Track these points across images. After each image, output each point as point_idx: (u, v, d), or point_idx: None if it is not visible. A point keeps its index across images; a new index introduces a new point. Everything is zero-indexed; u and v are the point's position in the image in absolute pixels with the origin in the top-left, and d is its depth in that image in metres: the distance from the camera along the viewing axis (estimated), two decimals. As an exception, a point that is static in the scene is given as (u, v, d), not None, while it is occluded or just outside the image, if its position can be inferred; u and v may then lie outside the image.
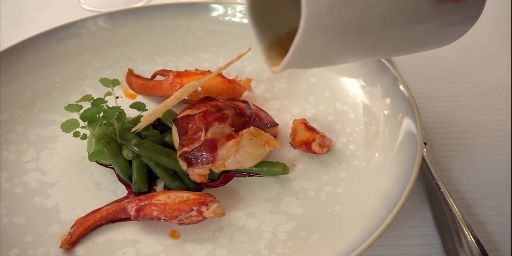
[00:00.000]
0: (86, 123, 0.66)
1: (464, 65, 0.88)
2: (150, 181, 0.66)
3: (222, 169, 0.63)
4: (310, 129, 0.70)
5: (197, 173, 0.63)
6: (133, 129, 0.65)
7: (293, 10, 0.40)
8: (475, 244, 0.55)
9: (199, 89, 0.75)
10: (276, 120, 0.73)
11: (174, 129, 0.66)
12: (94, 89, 0.81)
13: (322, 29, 0.39)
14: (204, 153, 0.62)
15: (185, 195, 0.60)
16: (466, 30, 0.48)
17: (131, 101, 0.76)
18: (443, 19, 0.45)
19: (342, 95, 0.76)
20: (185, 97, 0.72)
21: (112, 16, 0.87)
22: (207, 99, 0.70)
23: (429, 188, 0.63)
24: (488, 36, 0.95)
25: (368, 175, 0.63)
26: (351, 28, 0.40)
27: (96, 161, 0.69)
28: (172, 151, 0.67)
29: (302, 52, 0.41)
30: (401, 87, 0.67)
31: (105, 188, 0.66)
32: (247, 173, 0.67)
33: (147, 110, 0.73)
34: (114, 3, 1.11)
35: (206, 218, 0.59)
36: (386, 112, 0.68)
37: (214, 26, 0.88)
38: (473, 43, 0.93)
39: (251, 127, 0.65)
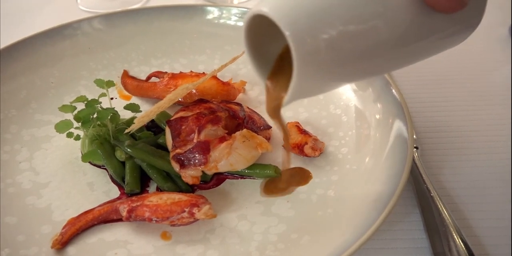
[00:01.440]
0: (80, 124, 0.67)
1: (457, 70, 0.89)
2: (142, 183, 0.67)
3: (214, 171, 0.64)
4: (303, 132, 0.70)
5: (189, 175, 0.63)
6: (127, 131, 0.65)
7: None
8: (464, 248, 0.55)
9: (194, 91, 0.75)
10: (270, 123, 0.73)
11: (168, 131, 0.66)
12: (89, 90, 0.81)
13: (315, 66, 0.39)
14: (196, 155, 0.62)
15: (177, 196, 0.60)
16: (468, 35, 0.48)
17: (126, 102, 0.77)
18: (443, 31, 0.44)
19: (336, 98, 0.76)
20: (180, 99, 0.72)
21: (108, 17, 0.87)
22: (201, 101, 0.70)
23: (419, 192, 0.64)
24: (482, 41, 0.96)
25: (359, 178, 0.63)
26: (344, 61, 0.40)
27: (89, 162, 0.69)
28: (165, 152, 0.67)
29: (301, 89, 0.41)
30: (393, 92, 0.67)
31: (97, 188, 0.67)
32: (240, 175, 0.67)
33: (141, 111, 0.73)
34: (111, 5, 1.11)
35: (198, 219, 0.59)
36: (377, 116, 0.68)
37: (209, 28, 0.89)
38: (466, 48, 0.93)
39: (244, 130, 0.65)
